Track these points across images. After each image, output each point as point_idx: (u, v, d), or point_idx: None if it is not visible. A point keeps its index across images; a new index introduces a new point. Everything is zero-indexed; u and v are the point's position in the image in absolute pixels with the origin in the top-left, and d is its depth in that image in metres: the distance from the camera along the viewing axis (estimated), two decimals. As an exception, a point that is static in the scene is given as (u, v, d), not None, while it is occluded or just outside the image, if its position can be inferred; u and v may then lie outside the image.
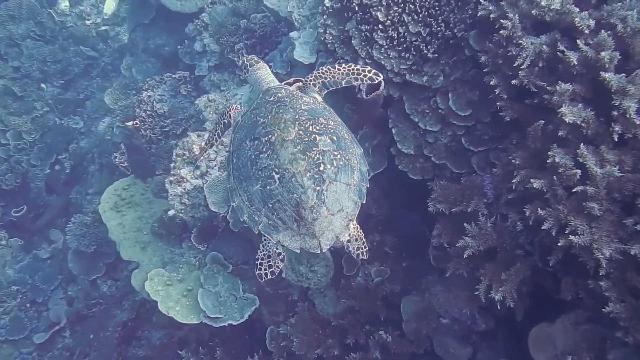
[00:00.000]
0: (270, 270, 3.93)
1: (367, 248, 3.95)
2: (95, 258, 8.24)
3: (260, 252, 3.97)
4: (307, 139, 3.72)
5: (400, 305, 5.72)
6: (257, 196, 3.74)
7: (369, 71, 4.29)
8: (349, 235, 3.86)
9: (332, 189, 3.66)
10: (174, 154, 6.41)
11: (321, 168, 3.64)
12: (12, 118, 10.18)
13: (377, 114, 5.22)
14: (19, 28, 11.20)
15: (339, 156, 3.76)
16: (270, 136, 3.76)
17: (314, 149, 3.68)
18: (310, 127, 3.80)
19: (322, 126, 3.85)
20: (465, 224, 4.47)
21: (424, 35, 5.05)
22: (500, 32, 4.35)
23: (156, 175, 7.68)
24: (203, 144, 4.83)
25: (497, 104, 4.53)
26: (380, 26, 5.15)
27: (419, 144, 5.34)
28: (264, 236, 3.89)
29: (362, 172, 3.93)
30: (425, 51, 5.03)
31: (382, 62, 5.17)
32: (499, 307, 4.29)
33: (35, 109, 10.36)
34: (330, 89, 4.37)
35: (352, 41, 5.30)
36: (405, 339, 5.51)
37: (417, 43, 5.07)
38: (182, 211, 6.32)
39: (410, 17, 5.06)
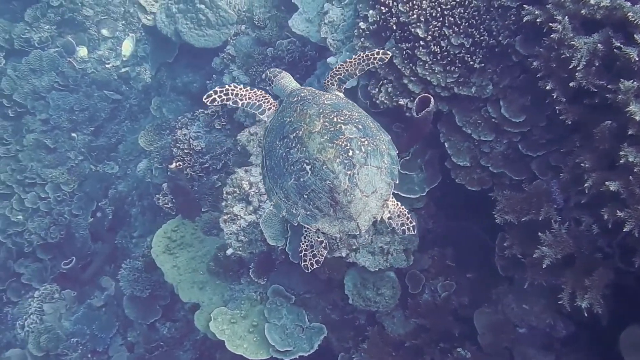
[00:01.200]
0: (315, 259, 3.96)
1: (413, 223, 3.93)
2: (151, 301, 8.24)
3: (303, 244, 4.00)
4: (333, 128, 3.78)
5: (470, 319, 5.65)
6: (292, 190, 3.79)
7: (377, 52, 4.27)
8: (390, 212, 3.90)
9: (364, 172, 3.69)
10: (224, 192, 6.40)
11: (350, 154, 3.68)
12: (49, 171, 10.31)
13: (428, 131, 5.17)
14: (42, 81, 11.36)
15: (366, 142, 3.79)
16: (297, 131, 3.83)
17: (340, 137, 3.73)
18: (335, 118, 3.86)
19: (347, 117, 3.91)
20: (539, 234, 4.39)
21: (468, 46, 5.00)
22: (551, 35, 4.29)
23: (203, 213, 7.69)
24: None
25: (556, 107, 4.46)
26: (421, 42, 5.11)
27: (474, 155, 5.28)
28: (304, 228, 3.93)
29: (392, 156, 3.94)
30: (471, 62, 4.97)
31: (428, 78, 5.13)
32: (585, 314, 4.20)
33: (69, 159, 10.48)
34: (348, 81, 4.44)
35: (394, 60, 5.26)
36: (483, 353, 5.43)
37: (461, 55, 5.02)
38: (240, 248, 6.30)
39: (451, 30, 5.02)
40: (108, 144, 10.86)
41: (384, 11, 5.30)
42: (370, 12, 5.42)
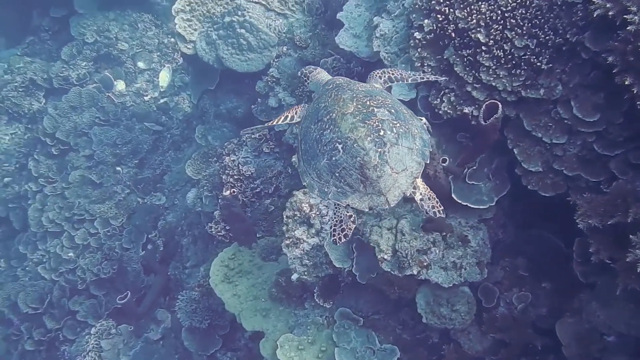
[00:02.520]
0: (344, 233, 4.04)
1: (442, 207, 4.04)
2: (210, 332, 8.10)
3: (332, 220, 4.12)
4: (365, 110, 3.92)
5: (551, 330, 5.39)
6: (324, 170, 3.94)
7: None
8: (421, 194, 4.00)
9: (394, 151, 3.81)
10: (284, 215, 6.28)
11: (381, 133, 3.80)
12: (97, 206, 10.31)
13: (495, 138, 4.98)
14: (83, 117, 11.44)
15: (398, 125, 3.91)
16: (331, 114, 3.99)
17: (372, 118, 3.87)
18: (368, 101, 4.01)
19: (380, 101, 4.04)
20: (630, 236, 4.16)
21: (533, 47, 4.82)
22: (627, 28, 4.09)
23: (258, 239, 7.57)
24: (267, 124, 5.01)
25: (637, 102, 4.24)
26: (483, 47, 4.95)
27: (545, 159, 5.07)
28: (335, 204, 4.07)
29: (424, 140, 4.05)
30: (538, 63, 4.79)
31: (493, 84, 4.96)
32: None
33: (116, 193, 10.49)
34: (395, 82, 4.68)
35: (455, 68, 5.11)
36: (572, 365, 5.18)
37: (526, 57, 4.84)
38: (305, 273, 6.15)
39: (513, 32, 4.85)
40: (153, 175, 10.86)
41: (440, 19, 5.16)
42: (426, 21, 5.29)
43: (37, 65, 12.69)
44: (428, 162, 4.00)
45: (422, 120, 4.26)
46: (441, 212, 4.05)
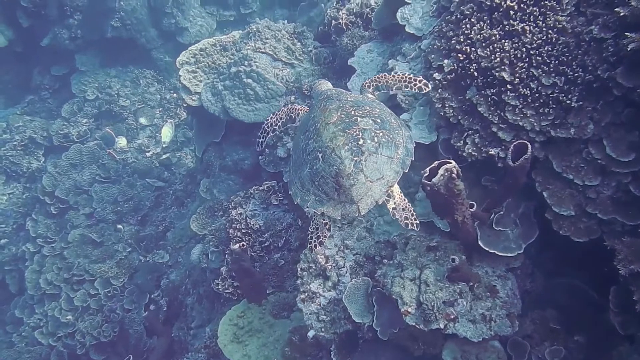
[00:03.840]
0: (319, 240, 4.22)
1: (417, 221, 4.20)
2: (218, 395, 7.65)
3: (310, 228, 4.27)
4: (348, 120, 4.05)
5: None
6: (307, 178, 4.07)
7: (419, 81, 4.73)
8: (395, 203, 4.11)
9: (372, 159, 3.91)
10: (299, 268, 5.93)
11: (360, 142, 3.90)
12: (97, 266, 9.96)
13: (524, 181, 4.70)
14: (83, 175, 11.23)
15: (381, 134, 4.00)
16: (316, 124, 4.13)
17: (354, 127, 3.98)
18: (353, 111, 4.13)
19: (366, 111, 4.15)
20: (683, 282, 3.84)
21: (561, 85, 4.61)
22: (665, 60, 3.89)
23: (268, 295, 7.19)
24: (261, 131, 5.44)
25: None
26: (508, 86, 4.73)
27: (577, 202, 4.78)
28: (313, 212, 4.14)
29: (408, 149, 4.15)
30: (568, 101, 4.56)
31: (520, 123, 4.72)
32: None
33: (117, 251, 10.16)
34: (383, 91, 4.93)
35: (479, 108, 4.88)
36: None
37: (554, 95, 4.62)
38: (323, 329, 5.76)
39: (540, 70, 4.65)
40: (156, 232, 10.56)
41: (461, 58, 4.97)
42: (446, 61, 5.10)
43: (36, 124, 12.61)
44: (407, 171, 4.10)
45: (410, 131, 4.46)
46: (415, 225, 4.19)
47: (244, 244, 6.67)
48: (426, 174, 4.24)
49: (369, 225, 5.91)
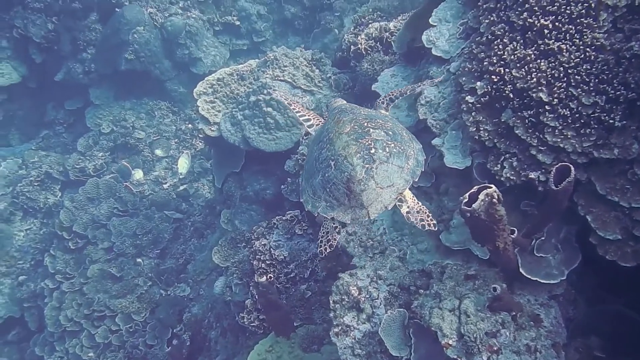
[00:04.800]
0: (329, 244, 4.33)
1: (434, 221, 4.24)
2: None
3: (321, 232, 4.38)
4: (360, 131, 4.17)
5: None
6: (318, 186, 4.16)
7: (420, 85, 5.12)
8: (408, 207, 4.19)
9: (383, 168, 4.01)
10: (331, 301, 5.74)
11: (372, 151, 4.02)
12: (118, 301, 9.80)
13: (566, 205, 4.52)
14: (100, 209, 11.13)
15: (392, 145, 4.12)
16: (330, 134, 4.27)
17: (366, 137, 4.11)
18: (366, 123, 4.26)
19: (378, 124, 4.29)
20: None
21: (602, 104, 4.44)
22: None
23: (296, 327, 6.99)
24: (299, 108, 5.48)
25: None
26: (546, 107, 4.57)
27: (624, 225, 4.58)
28: (324, 218, 4.28)
29: (419, 161, 4.27)
30: (611, 121, 4.39)
31: (560, 145, 4.54)
32: None
33: (138, 286, 10.01)
34: (396, 100, 5.19)
35: (516, 131, 4.71)
36: None
37: (596, 115, 4.45)
38: (359, 365, 5.55)
39: (579, 90, 4.49)
40: (176, 265, 10.41)
41: (495, 80, 4.82)
42: (478, 83, 4.96)
43: (52, 159, 12.56)
44: (417, 179, 4.20)
45: (420, 145, 4.52)
46: (432, 226, 4.21)
47: (271, 276, 6.50)
48: (465, 200, 4.08)
49: (401, 255, 5.73)
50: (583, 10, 4.61)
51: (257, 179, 8.62)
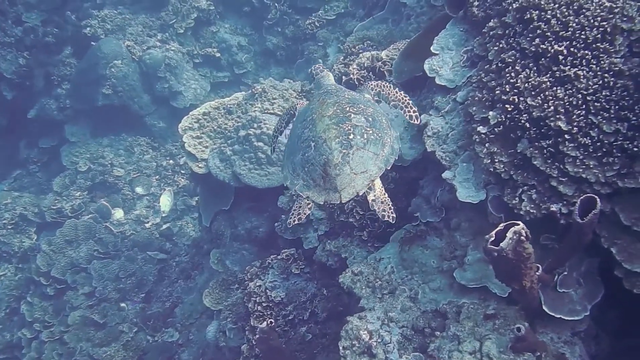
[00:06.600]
0: (298, 217, 4.42)
1: (394, 215, 4.35)
2: None
3: (294, 206, 4.46)
4: (342, 115, 4.35)
5: None
6: (298, 164, 4.36)
7: (414, 111, 4.99)
8: (374, 195, 4.32)
9: (359, 154, 4.19)
10: (340, 347, 5.38)
11: (350, 137, 4.20)
12: (102, 350, 9.33)
13: (590, 238, 4.28)
14: (79, 251, 10.70)
15: (370, 132, 4.30)
16: (313, 115, 4.44)
17: (346, 122, 4.29)
18: (348, 108, 4.42)
19: (360, 109, 4.44)
20: None
21: (624, 131, 4.24)
22: None
23: (298, 373, 6.62)
24: (272, 131, 5.78)
25: None
26: (566, 136, 4.36)
27: (651, 257, 4.36)
28: (298, 194, 4.42)
29: (394, 149, 4.45)
30: (635, 149, 4.19)
31: (583, 175, 4.32)
32: None
33: (123, 332, 9.55)
34: (381, 99, 5.14)
35: (534, 162, 4.49)
36: None
37: (619, 143, 4.25)
38: (373, 415, 5.20)
39: (599, 117, 4.29)
40: (163, 309, 9.93)
41: (509, 109, 4.60)
42: (491, 113, 4.74)
43: (26, 199, 12.12)
44: (389, 168, 4.39)
45: (397, 133, 4.63)
46: (391, 218, 4.32)
47: (272, 321, 6.15)
48: (492, 239, 3.82)
49: (412, 294, 5.43)
50: (599, 35, 4.45)
51: (249, 216, 8.27)
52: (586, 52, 4.45)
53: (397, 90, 5.13)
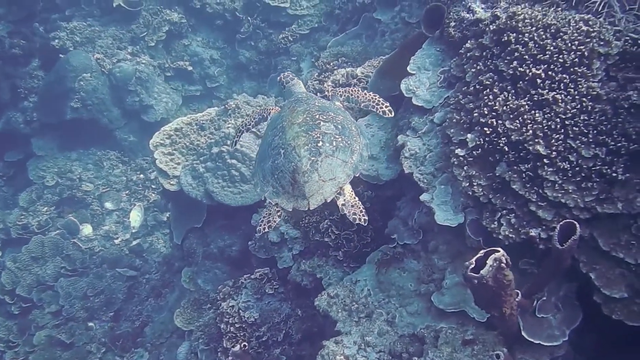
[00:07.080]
0: (268, 224, 4.46)
1: (365, 217, 4.35)
2: None
3: (264, 213, 4.53)
4: (312, 123, 4.41)
5: None
6: (268, 171, 4.43)
7: (386, 106, 5.09)
8: (344, 200, 4.34)
9: (327, 161, 4.25)
10: (316, 373, 5.28)
11: (319, 144, 4.27)
12: (69, 371, 9.03)
13: (569, 263, 4.24)
14: (46, 268, 10.44)
15: (340, 139, 4.37)
16: (283, 123, 4.51)
17: (316, 130, 4.35)
18: (318, 116, 4.49)
19: (330, 117, 4.51)
20: None
21: (603, 156, 4.22)
22: None
23: (272, 398, 6.48)
24: (235, 131, 5.96)
25: None
26: (545, 161, 4.33)
27: (630, 282, 4.33)
28: (268, 201, 4.48)
29: (362, 156, 4.52)
30: (613, 174, 4.17)
31: (562, 200, 4.29)
32: None
33: (91, 353, 9.33)
34: (351, 104, 5.25)
35: (513, 186, 4.45)
36: None
37: (597, 168, 4.23)
38: None
39: (578, 142, 4.27)
40: (132, 328, 9.68)
41: (487, 132, 4.56)
42: (469, 135, 4.69)
43: (-10, 216, 11.71)
44: (358, 175, 4.45)
45: (366, 140, 4.72)
46: (362, 220, 4.32)
47: (245, 344, 6.01)
48: (472, 266, 3.76)
49: (390, 318, 5.34)
50: (576, 59, 4.43)
51: (222, 234, 8.12)
52: (564, 75, 4.43)
53: (365, 92, 5.19)
